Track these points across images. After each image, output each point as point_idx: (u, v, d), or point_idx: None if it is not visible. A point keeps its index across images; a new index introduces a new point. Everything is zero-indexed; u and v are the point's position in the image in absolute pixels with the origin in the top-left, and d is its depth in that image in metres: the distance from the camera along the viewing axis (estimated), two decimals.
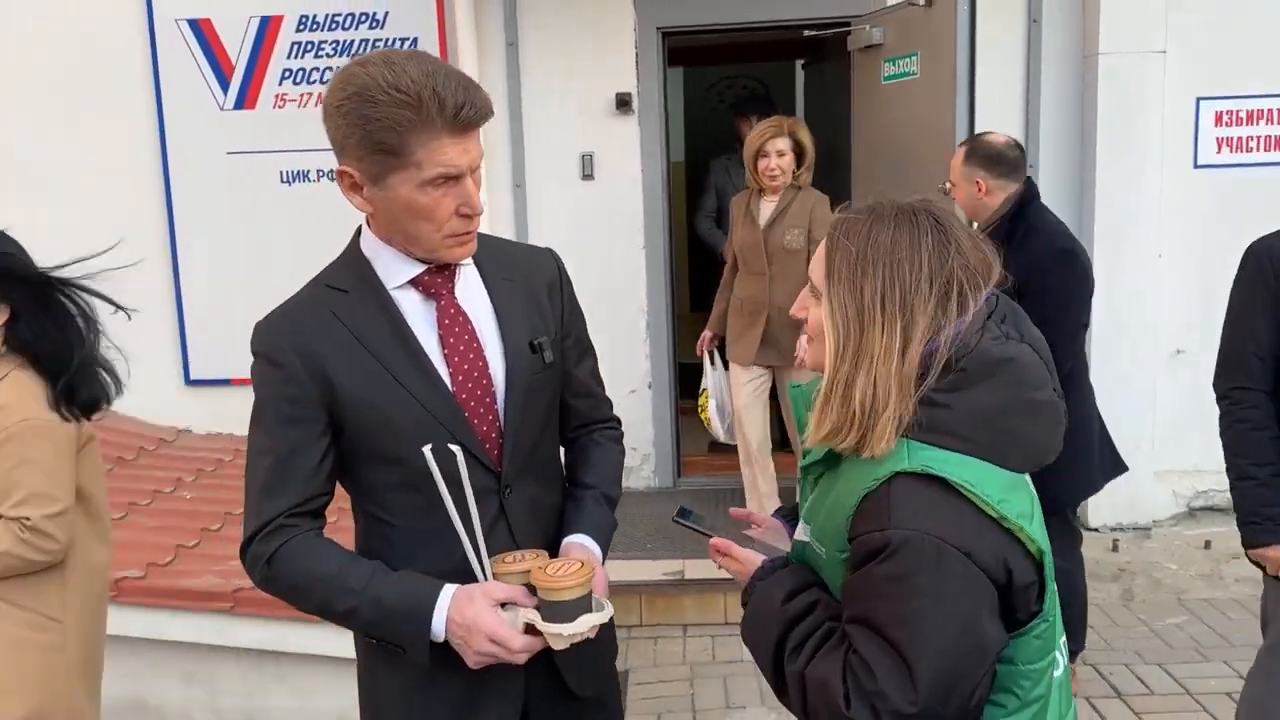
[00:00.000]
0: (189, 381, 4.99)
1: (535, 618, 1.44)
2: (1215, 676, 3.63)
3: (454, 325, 1.56)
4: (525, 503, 1.61)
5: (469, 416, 1.54)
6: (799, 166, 4.25)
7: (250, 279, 4.80)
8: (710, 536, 1.59)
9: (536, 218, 4.84)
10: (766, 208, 4.27)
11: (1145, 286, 4.59)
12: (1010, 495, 1.27)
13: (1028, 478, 1.35)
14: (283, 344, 1.50)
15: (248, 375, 1.54)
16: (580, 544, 1.61)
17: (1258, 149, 4.72)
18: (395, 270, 1.54)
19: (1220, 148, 4.70)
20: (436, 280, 1.55)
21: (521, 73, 4.75)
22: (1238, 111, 4.67)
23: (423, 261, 1.53)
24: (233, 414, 4.88)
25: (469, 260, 1.57)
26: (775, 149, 4.18)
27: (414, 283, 1.55)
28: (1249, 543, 2.44)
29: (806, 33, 4.88)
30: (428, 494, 1.46)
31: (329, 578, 1.48)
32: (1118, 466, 3.39)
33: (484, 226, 5.57)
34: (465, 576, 1.49)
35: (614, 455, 1.78)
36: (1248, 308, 2.46)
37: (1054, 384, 1.34)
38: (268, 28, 4.78)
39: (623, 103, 4.70)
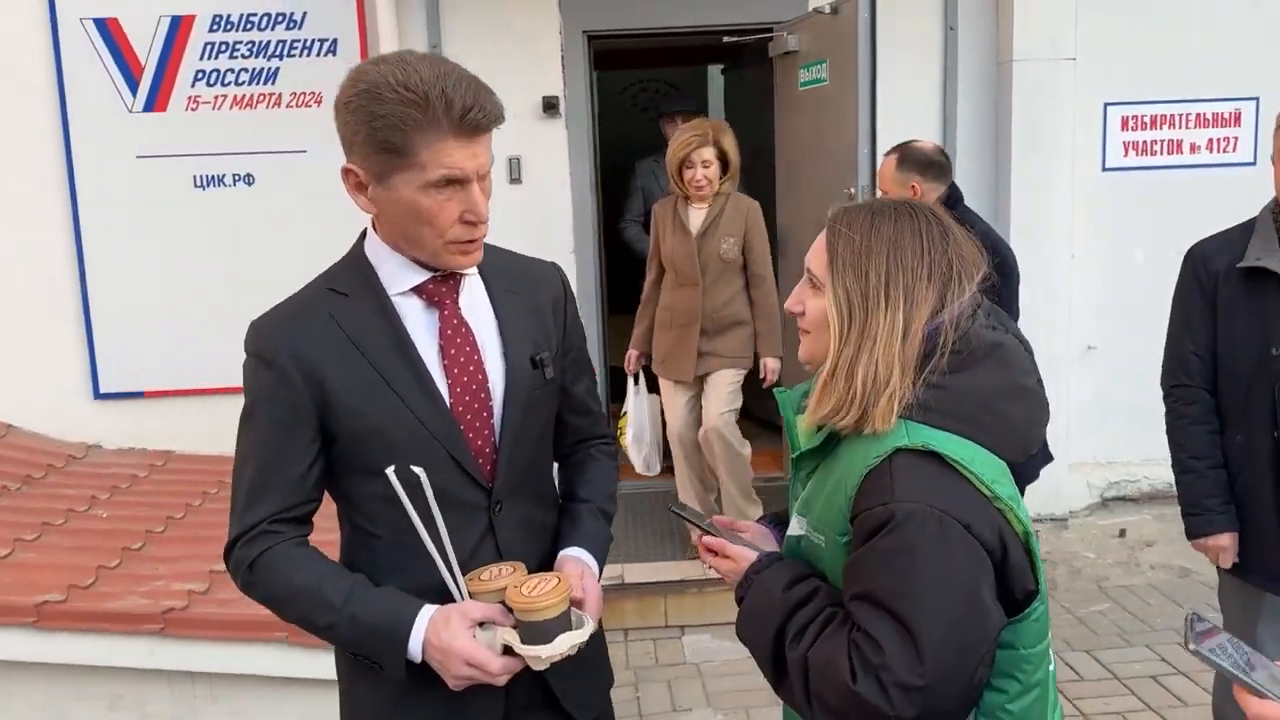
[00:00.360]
0: (98, 395, 4.76)
1: (513, 639, 1.40)
2: (1139, 661, 3.78)
3: (455, 336, 1.52)
4: (516, 520, 1.58)
5: (464, 430, 1.50)
6: (724, 174, 4.14)
7: (163, 287, 4.63)
8: (706, 531, 1.57)
9: None
10: (697, 216, 4.16)
11: (1059, 285, 4.75)
12: (1000, 479, 1.31)
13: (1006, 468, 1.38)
14: (277, 345, 1.46)
15: (162, 387, 1.50)
16: (575, 558, 1.59)
17: (1161, 153, 4.93)
18: (399, 276, 1.50)
19: (1126, 151, 4.90)
20: (441, 289, 1.52)
21: None
22: (1142, 116, 4.87)
23: (427, 269, 1.49)
24: (147, 428, 4.70)
25: (474, 270, 1.55)
26: (700, 159, 4.07)
27: (417, 290, 1.51)
28: (1191, 533, 2.54)
29: (727, 39, 4.94)
30: (416, 507, 1.42)
31: (308, 590, 1.44)
32: (1048, 457, 3.50)
33: None
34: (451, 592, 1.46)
35: (609, 470, 1.76)
36: (1184, 309, 2.59)
37: (1037, 374, 1.39)
38: (178, 28, 4.61)
39: (550, 106, 4.67)
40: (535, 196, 4.78)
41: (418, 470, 1.40)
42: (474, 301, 1.55)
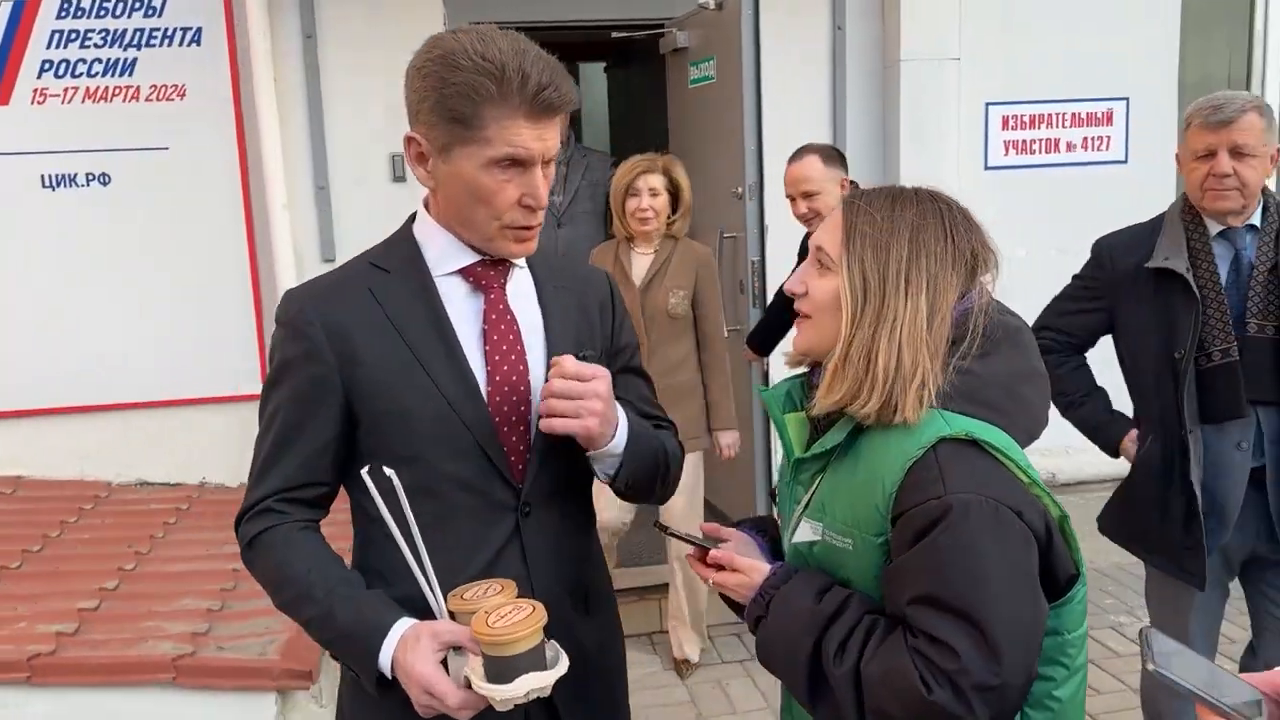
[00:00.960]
0: None
1: (476, 672, 1.25)
2: None
3: (500, 323, 1.45)
4: (546, 531, 1.47)
5: (499, 424, 1.42)
6: (673, 211, 3.64)
7: (9, 295, 4.24)
8: (705, 547, 1.46)
9: (343, 222, 4.52)
10: (641, 262, 3.64)
11: None
12: (1029, 464, 1.27)
13: None
14: (309, 315, 1.40)
15: (9, 407, 1.30)
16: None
17: (1039, 151, 5.06)
18: (446, 256, 1.44)
19: (1007, 150, 5.01)
20: (489, 273, 1.46)
21: (321, 68, 4.42)
22: (1021, 116, 4.99)
23: (478, 252, 1.44)
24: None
25: (523, 262, 1.50)
26: (648, 186, 3.56)
27: (464, 272, 1.45)
28: (1108, 446, 2.65)
29: (616, 34, 4.83)
30: (441, 501, 1.38)
31: (296, 580, 1.37)
32: None
33: (282, 233, 5.14)
34: None
35: (675, 443, 1.62)
36: (1074, 295, 2.69)
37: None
38: (22, 14, 4.22)
39: None
40: (419, 194, 4.52)
41: (389, 471, 1.30)
42: (520, 292, 1.50)
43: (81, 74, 4.28)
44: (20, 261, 4.25)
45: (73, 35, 4.26)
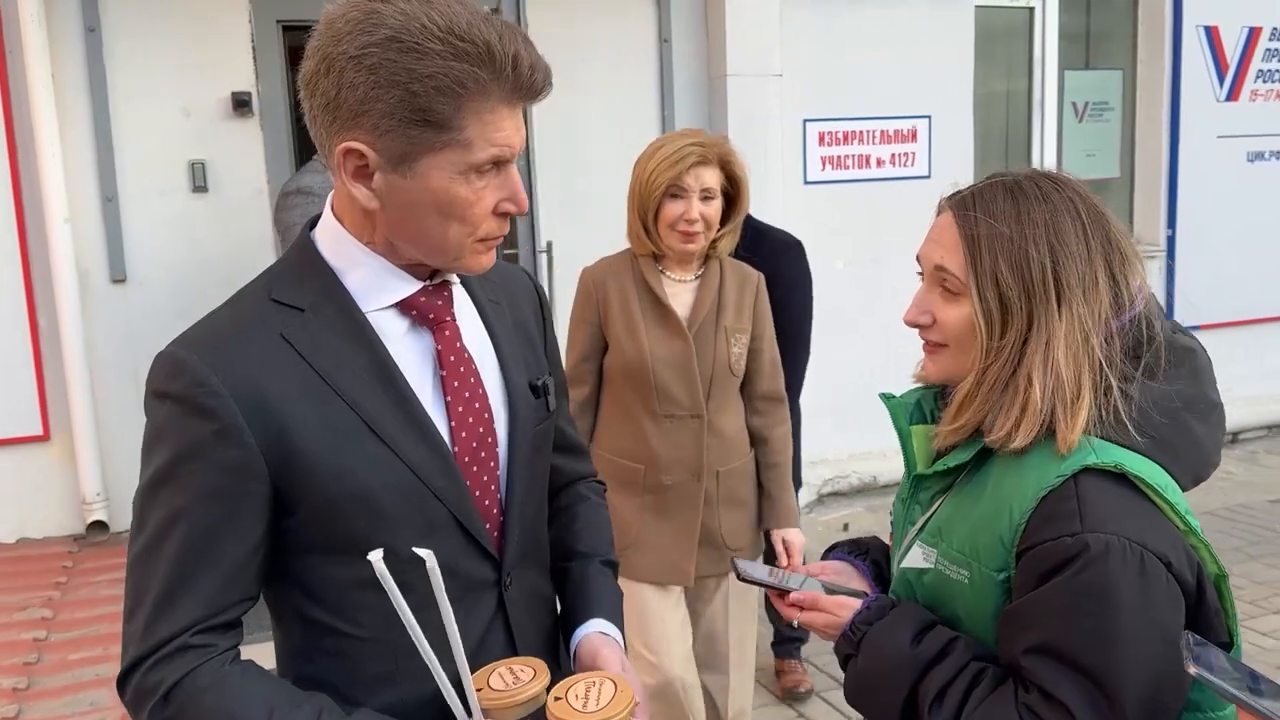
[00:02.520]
0: None
1: None
2: None
3: (459, 365, 1.18)
4: (526, 598, 1.25)
5: (470, 488, 1.17)
6: (727, 220, 2.41)
7: None
8: (786, 590, 1.31)
9: (136, 237, 4.07)
10: (682, 293, 2.42)
11: None
12: (1189, 509, 1.11)
13: None
14: (211, 382, 1.05)
15: None
16: (603, 633, 1.27)
17: (852, 166, 5.25)
18: (378, 285, 1.14)
19: (824, 165, 5.17)
20: (435, 303, 1.17)
21: (107, 65, 3.95)
22: (835, 132, 5.15)
23: (417, 277, 1.16)
24: None
25: (454, 278, 1.22)
26: (700, 184, 2.30)
27: (402, 305, 1.15)
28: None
29: None
30: (412, 592, 1.03)
31: None
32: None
33: (63, 251, 4.62)
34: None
35: (604, 515, 1.45)
36: None
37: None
38: None
39: (240, 103, 4.09)
40: (225, 207, 4.18)
41: (423, 553, 0.99)
42: (464, 319, 1.22)
43: None
44: None
45: None
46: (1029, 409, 1.11)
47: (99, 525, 4.05)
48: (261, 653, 1.14)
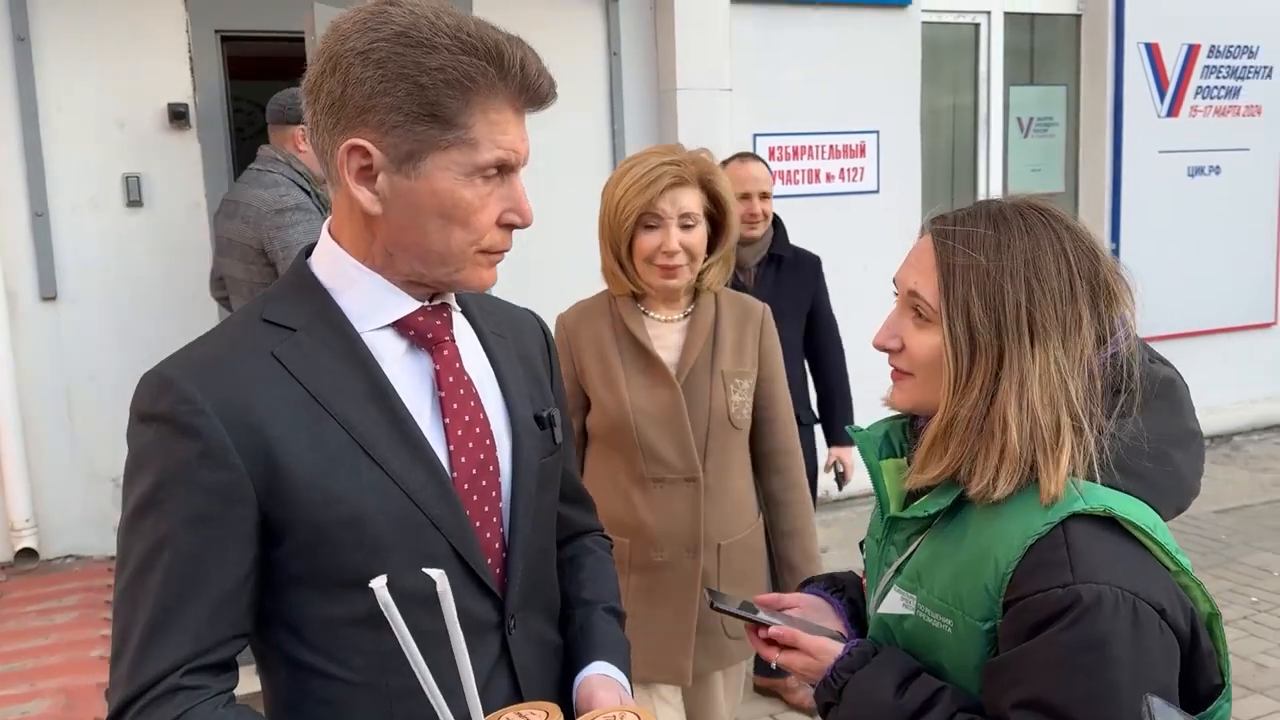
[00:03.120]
0: None
1: None
2: None
3: (458, 387, 1.13)
4: (531, 642, 1.19)
5: (471, 517, 1.11)
6: (711, 250, 2.08)
7: None
8: (764, 624, 1.25)
9: (67, 253, 3.92)
10: (668, 334, 2.09)
11: None
12: (1178, 548, 1.08)
13: None
14: (197, 400, 1.00)
15: None
16: (603, 675, 1.22)
17: (802, 181, 5.24)
18: (375, 304, 1.10)
19: (775, 180, 5.14)
20: (434, 323, 1.13)
21: (38, 75, 3.81)
22: (786, 147, 5.15)
23: (415, 296, 1.12)
24: None
25: (454, 302, 1.19)
26: (678, 209, 1.98)
27: (399, 325, 1.11)
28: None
29: None
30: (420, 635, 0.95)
31: None
32: None
33: None
34: None
35: (611, 567, 1.41)
36: None
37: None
38: None
39: (177, 115, 3.97)
40: (162, 223, 4.05)
41: (434, 573, 0.89)
42: (465, 344, 1.18)
43: None
44: None
45: None
46: (1007, 454, 1.07)
47: (28, 553, 3.89)
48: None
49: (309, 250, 1.16)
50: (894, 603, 1.18)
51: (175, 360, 1.06)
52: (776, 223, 3.51)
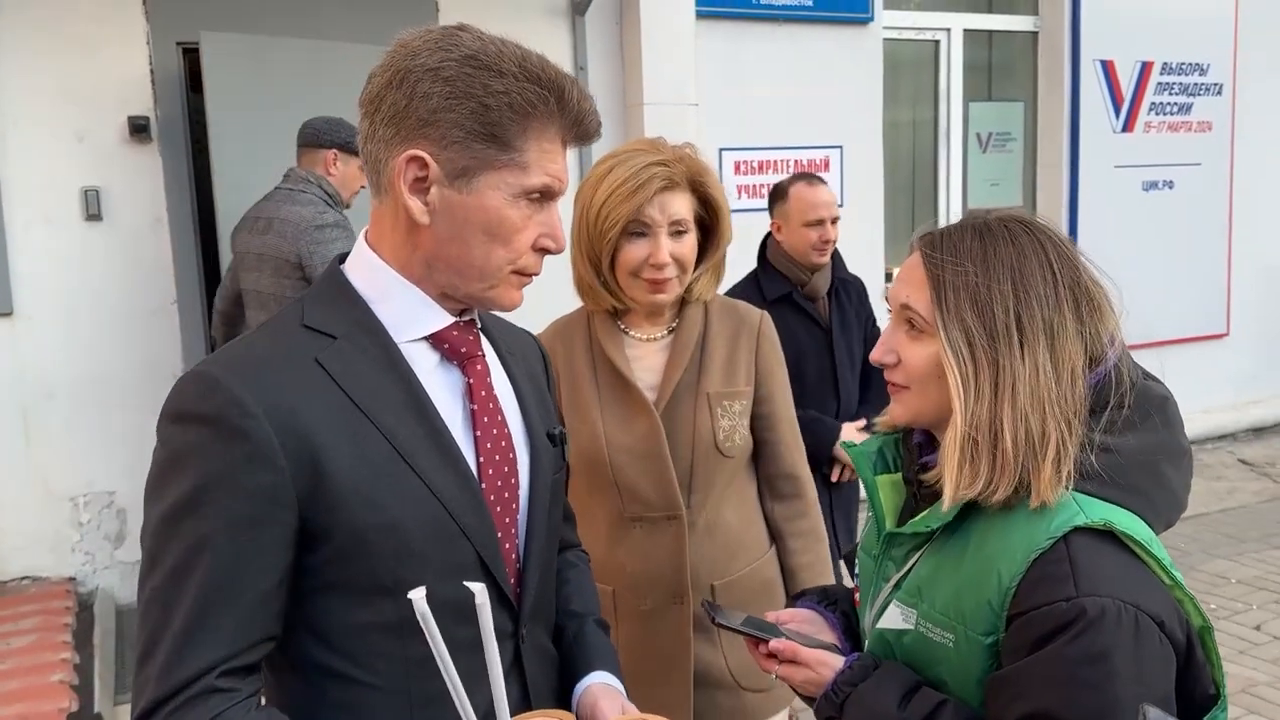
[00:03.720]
0: None
1: None
2: None
3: (489, 402, 1.17)
4: (543, 655, 1.23)
5: (495, 529, 1.15)
6: (703, 257, 1.84)
7: None
8: (763, 637, 1.25)
9: (23, 269, 3.85)
10: (648, 353, 1.86)
11: None
12: (1170, 560, 1.10)
13: None
14: (248, 403, 1.01)
15: None
16: (605, 684, 1.25)
17: (767, 196, 5.28)
18: (412, 316, 1.13)
19: (740, 194, 5.18)
20: (467, 338, 1.17)
21: None
22: (751, 161, 5.18)
23: (449, 311, 1.16)
24: None
25: (478, 319, 1.23)
26: (668, 217, 1.74)
27: (434, 339, 1.15)
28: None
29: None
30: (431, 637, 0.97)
31: None
32: None
33: None
34: None
35: (592, 582, 1.45)
36: None
37: None
38: None
39: (138, 128, 3.92)
40: (123, 237, 3.99)
41: (475, 587, 0.91)
42: (490, 360, 1.23)
43: None
44: None
45: None
46: (1003, 459, 1.08)
47: None
48: None
49: (342, 258, 1.19)
50: (894, 617, 1.19)
51: (219, 361, 1.07)
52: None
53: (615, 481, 1.79)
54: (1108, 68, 6.04)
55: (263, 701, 1.07)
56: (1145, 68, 6.15)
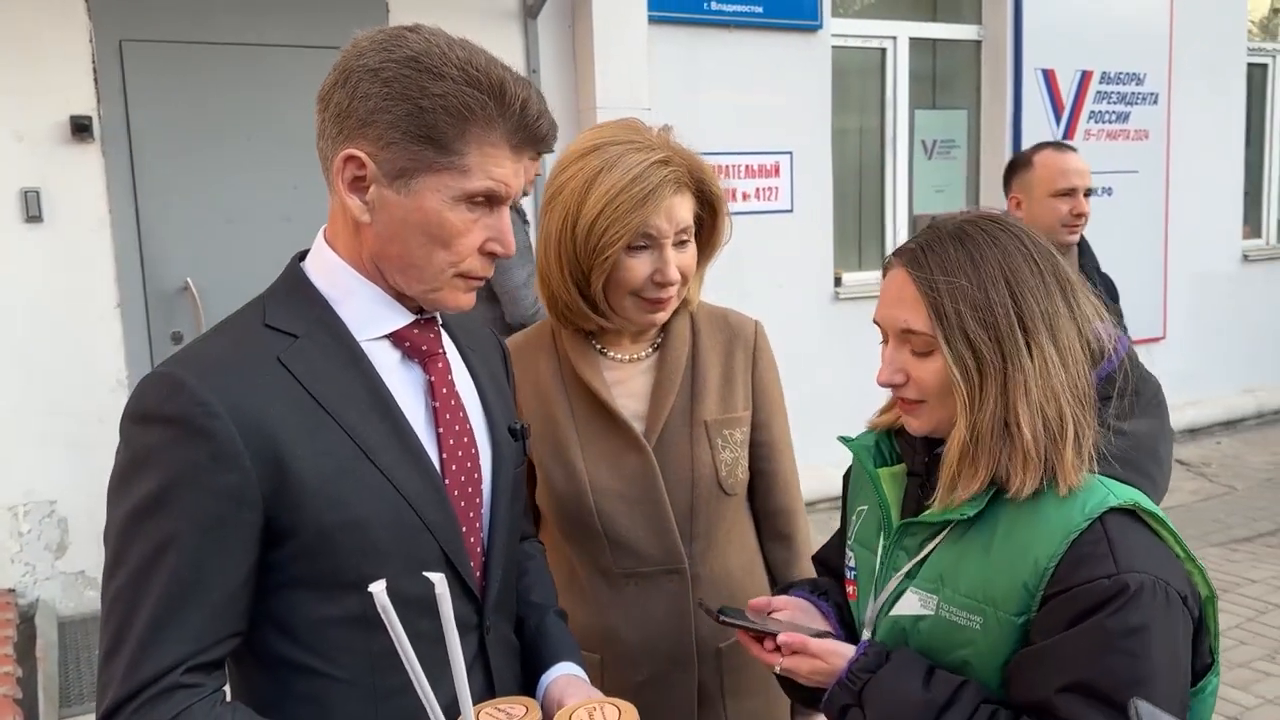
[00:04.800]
0: None
1: None
2: None
3: (450, 399, 1.18)
4: (505, 647, 1.24)
5: (458, 522, 1.16)
6: (702, 257, 1.59)
7: None
8: (770, 632, 1.24)
9: None
10: (630, 376, 1.59)
11: None
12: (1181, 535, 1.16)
13: None
14: (211, 403, 1.01)
15: None
16: (571, 675, 1.27)
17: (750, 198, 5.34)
18: (371, 315, 1.14)
19: None
20: (428, 336, 1.18)
21: None
22: (714, 166, 5.21)
23: (408, 309, 1.16)
24: None
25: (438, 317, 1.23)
26: (676, 226, 1.49)
27: (395, 337, 1.16)
28: None
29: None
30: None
31: None
32: None
33: None
34: None
35: (549, 574, 1.45)
36: None
37: None
38: None
39: (80, 128, 3.83)
40: (63, 239, 3.89)
41: (434, 577, 0.90)
42: (450, 357, 1.23)
43: None
44: None
45: None
46: (1027, 453, 1.12)
47: None
48: None
49: (302, 255, 1.18)
50: (911, 604, 1.21)
51: (182, 362, 1.06)
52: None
53: (604, 532, 1.52)
54: (1049, 77, 6.19)
55: (228, 696, 1.07)
56: (1085, 77, 6.31)
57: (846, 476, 1.46)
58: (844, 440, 1.35)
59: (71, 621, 3.92)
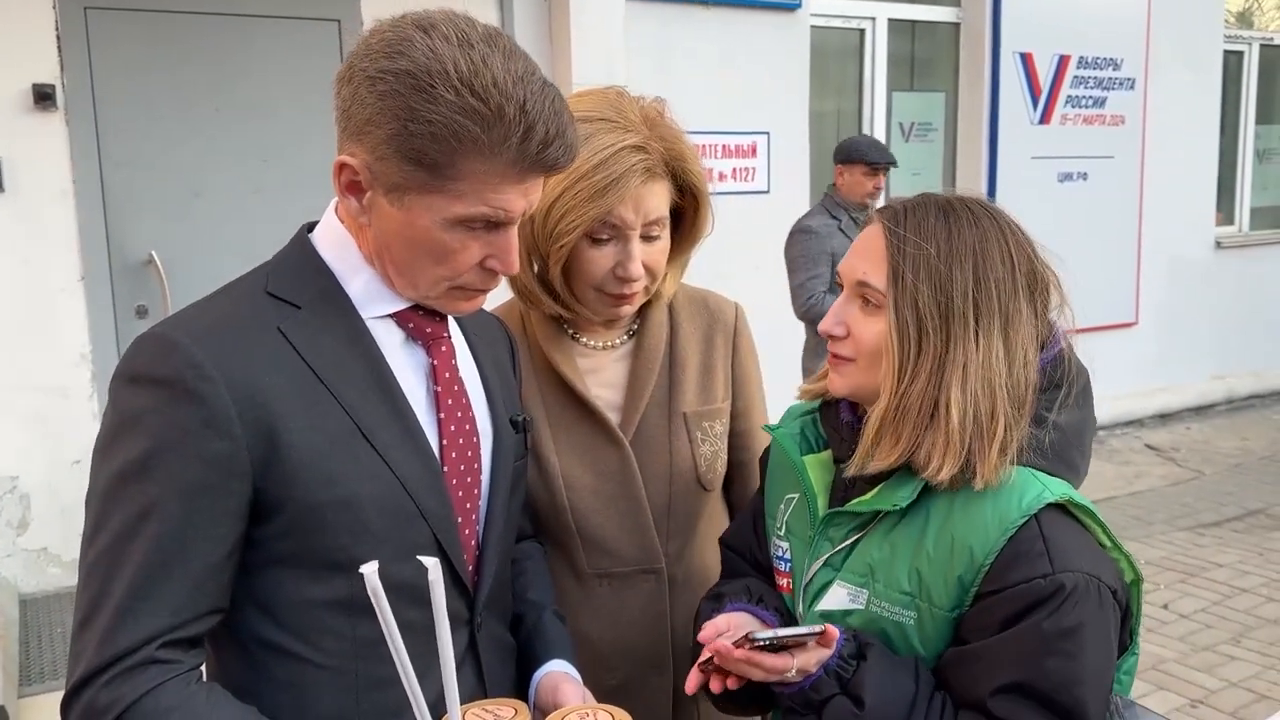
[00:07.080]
0: None
1: None
2: None
3: (453, 384, 1.14)
4: (498, 643, 1.20)
5: (454, 512, 1.11)
6: (674, 251, 1.47)
7: None
8: (812, 635, 1.11)
9: None
10: (604, 365, 1.49)
11: None
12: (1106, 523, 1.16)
13: None
14: (206, 367, 0.97)
15: None
16: (564, 672, 1.22)
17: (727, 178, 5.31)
18: (378, 293, 1.10)
19: None
20: (433, 319, 1.13)
21: None
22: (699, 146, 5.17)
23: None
24: None
25: None
26: (645, 214, 1.36)
27: (400, 318, 1.11)
28: None
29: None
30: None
31: None
32: None
33: None
34: None
35: (549, 574, 1.40)
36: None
37: None
38: None
39: (43, 96, 3.75)
40: (25, 209, 3.81)
41: (428, 561, 0.85)
42: (455, 343, 1.19)
43: None
44: None
45: None
46: (949, 439, 1.09)
47: None
48: None
49: (311, 226, 1.14)
50: (839, 598, 1.18)
51: (177, 324, 1.02)
52: None
53: (576, 530, 1.44)
54: (1027, 60, 6.18)
55: (204, 676, 1.03)
56: (1062, 61, 6.31)
57: (763, 462, 1.40)
58: (770, 429, 1.32)
59: (33, 599, 3.87)
